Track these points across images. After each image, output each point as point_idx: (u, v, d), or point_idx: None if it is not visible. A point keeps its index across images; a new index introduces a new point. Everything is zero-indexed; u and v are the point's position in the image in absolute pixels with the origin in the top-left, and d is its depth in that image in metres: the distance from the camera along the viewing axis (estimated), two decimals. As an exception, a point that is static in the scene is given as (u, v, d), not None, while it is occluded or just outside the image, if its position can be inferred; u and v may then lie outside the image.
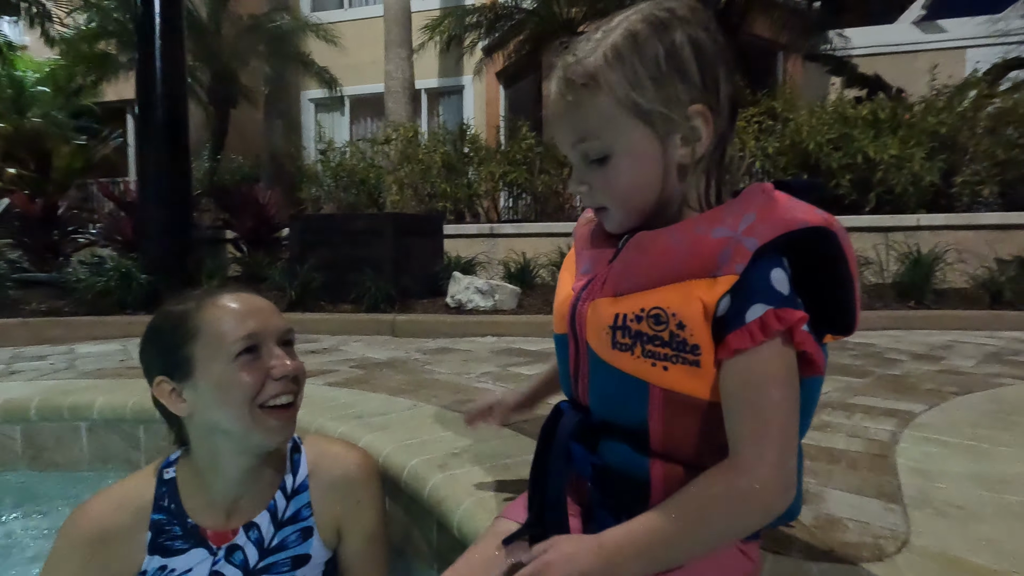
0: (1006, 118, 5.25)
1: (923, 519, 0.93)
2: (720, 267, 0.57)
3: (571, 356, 0.71)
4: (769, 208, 0.58)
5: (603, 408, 0.68)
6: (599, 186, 0.64)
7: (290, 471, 0.95)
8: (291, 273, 4.16)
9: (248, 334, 0.83)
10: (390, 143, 7.09)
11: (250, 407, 0.82)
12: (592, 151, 0.63)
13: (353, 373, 2.23)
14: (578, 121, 0.62)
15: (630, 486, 0.65)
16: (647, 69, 0.59)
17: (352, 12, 10.45)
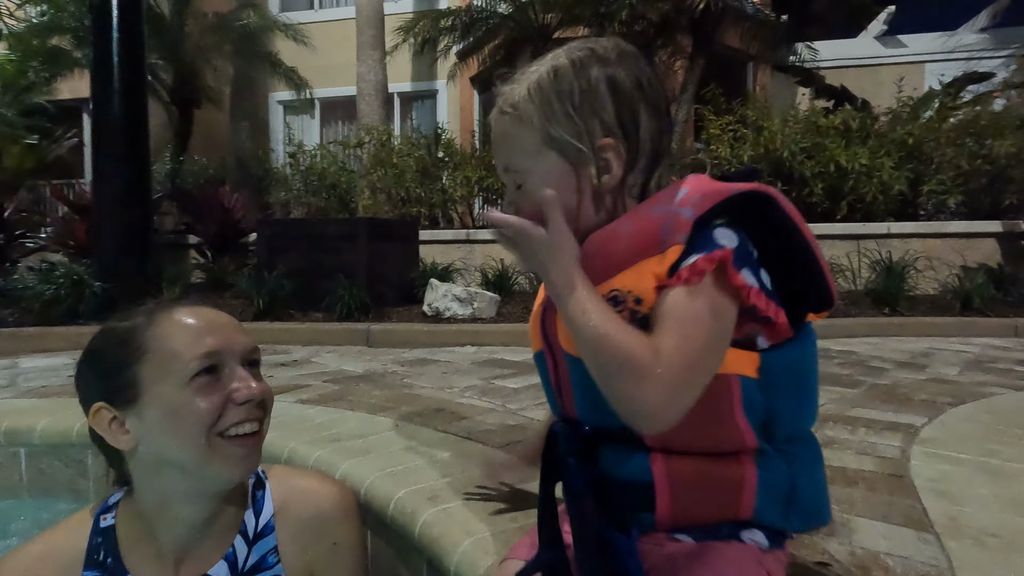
0: (968, 129, 5.42)
1: (961, 551, 0.87)
2: (664, 241, 0.57)
3: (551, 370, 0.68)
4: (701, 183, 0.59)
5: (590, 411, 0.63)
6: (523, 207, 0.65)
7: (252, 511, 0.81)
8: (259, 280, 3.96)
9: (206, 352, 0.71)
10: (363, 146, 6.92)
11: (207, 436, 0.70)
12: (514, 175, 0.66)
13: (327, 388, 2.08)
14: (503, 147, 0.66)
15: (634, 491, 0.60)
16: (562, 104, 0.62)
17: (323, 13, 10.23)
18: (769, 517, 0.59)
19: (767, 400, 0.58)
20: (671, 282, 0.55)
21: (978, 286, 4.00)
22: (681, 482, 0.58)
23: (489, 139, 4.40)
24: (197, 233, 5.71)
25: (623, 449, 0.60)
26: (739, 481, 0.58)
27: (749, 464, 0.58)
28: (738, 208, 0.57)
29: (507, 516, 0.96)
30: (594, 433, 0.63)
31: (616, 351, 0.53)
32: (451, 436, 1.44)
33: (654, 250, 0.57)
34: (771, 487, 0.58)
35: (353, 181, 6.96)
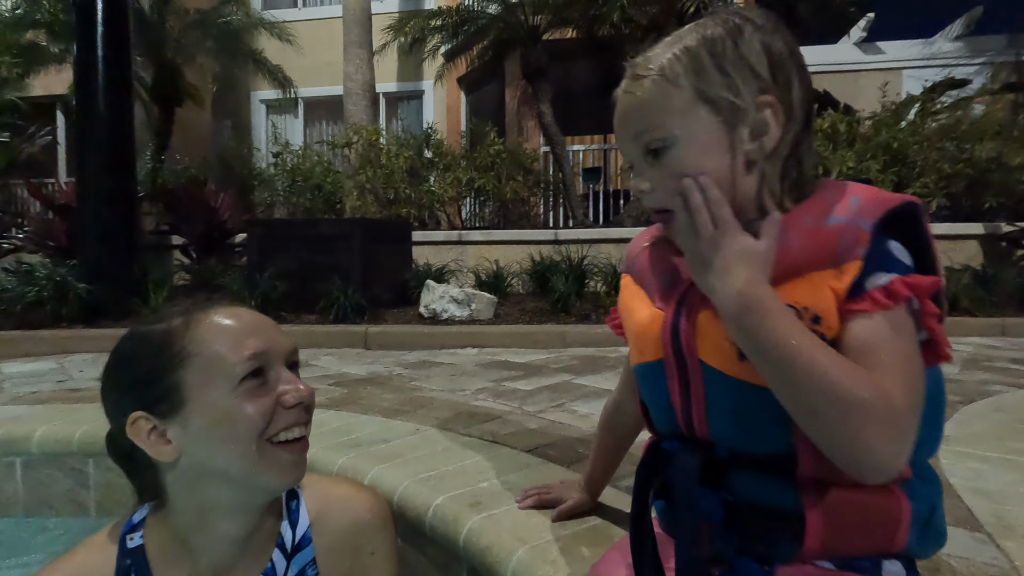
0: (949, 134, 5.56)
1: (1020, 551, 0.86)
2: (843, 255, 0.52)
3: (675, 383, 0.61)
4: (869, 190, 0.56)
5: (734, 436, 0.57)
6: (661, 179, 0.59)
7: (288, 522, 0.76)
8: (250, 282, 3.87)
9: (252, 354, 0.67)
10: (351, 146, 6.82)
11: (258, 443, 0.66)
12: (653, 140, 0.59)
13: (334, 392, 2.03)
14: (641, 112, 0.59)
15: (778, 521, 0.55)
16: (715, 61, 0.57)
17: (307, 12, 10.09)
18: (911, 548, 0.55)
19: None
20: (863, 306, 0.51)
21: (965, 287, 4.08)
22: (836, 515, 0.53)
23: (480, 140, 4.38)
24: (181, 233, 5.56)
25: (765, 477, 0.56)
26: (896, 515, 0.54)
27: (902, 496, 0.54)
28: (895, 220, 0.54)
29: (557, 525, 0.93)
30: (729, 459, 0.58)
31: (841, 392, 0.47)
32: (477, 440, 1.40)
33: (829, 263, 0.53)
34: (918, 516, 0.55)
35: (339, 182, 6.86)
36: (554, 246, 5.07)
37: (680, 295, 0.61)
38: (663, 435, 0.64)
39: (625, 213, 6.54)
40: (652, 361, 0.63)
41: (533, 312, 3.87)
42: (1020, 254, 4.75)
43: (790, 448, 0.54)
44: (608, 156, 8.93)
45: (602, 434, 0.89)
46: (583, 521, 0.92)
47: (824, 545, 0.53)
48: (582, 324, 3.58)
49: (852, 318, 0.51)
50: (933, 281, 0.52)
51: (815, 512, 0.53)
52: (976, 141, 5.34)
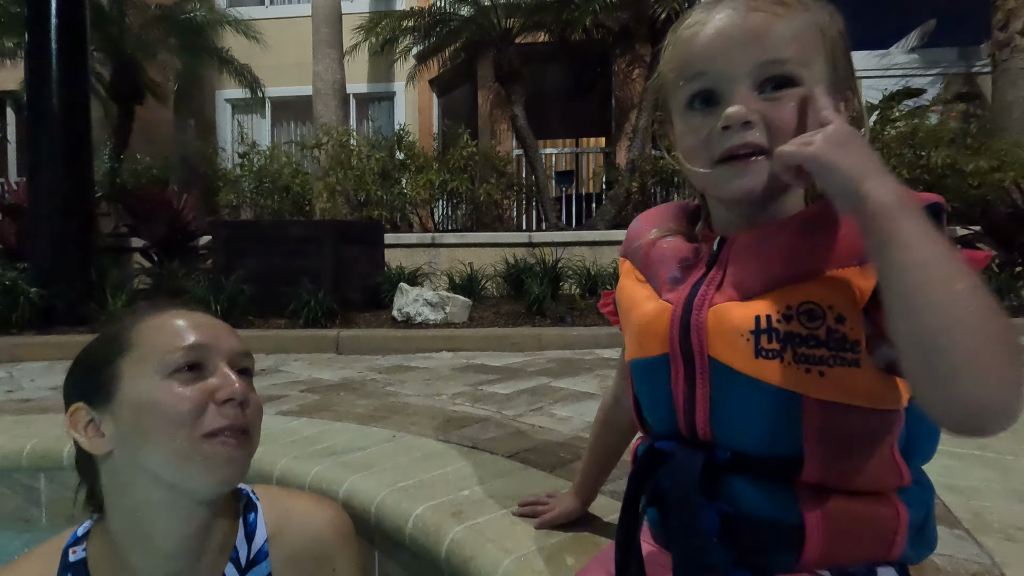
0: (907, 141, 5.77)
1: (998, 547, 0.88)
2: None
3: (679, 380, 0.58)
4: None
5: (739, 436, 0.55)
6: (778, 117, 0.53)
7: (243, 535, 0.73)
8: (215, 285, 3.74)
9: (191, 344, 0.65)
10: (321, 147, 6.69)
11: (188, 438, 0.62)
12: (785, 73, 0.53)
13: (307, 398, 1.96)
14: (779, 38, 0.53)
15: (776, 533, 0.53)
16: (843, 31, 0.56)
17: (274, 10, 9.87)
18: (905, 554, 0.54)
19: (909, 431, 0.54)
20: None
21: (924, 288, 4.24)
22: (836, 525, 0.52)
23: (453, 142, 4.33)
24: (141, 236, 5.35)
25: (765, 484, 0.53)
26: (894, 523, 0.52)
27: (900, 503, 0.53)
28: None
29: (543, 532, 0.90)
30: (732, 460, 0.55)
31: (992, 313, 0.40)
32: (455, 446, 1.37)
33: (852, 260, 0.50)
34: (913, 523, 0.54)
35: (308, 183, 6.72)
36: (528, 249, 5.07)
37: (691, 288, 0.58)
38: (658, 434, 0.62)
39: (598, 216, 6.59)
40: (654, 356, 0.59)
41: (508, 315, 3.85)
42: (974, 257, 4.95)
43: (798, 451, 0.52)
44: (581, 159, 8.99)
45: (599, 431, 0.86)
46: (570, 529, 0.89)
47: (823, 555, 0.52)
48: (558, 326, 3.57)
49: None
50: (986, 255, 0.50)
51: (815, 522, 0.51)
52: (932, 148, 5.56)
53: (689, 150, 0.57)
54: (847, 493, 0.52)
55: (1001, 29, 6.52)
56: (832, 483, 0.52)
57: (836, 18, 0.55)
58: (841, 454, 0.51)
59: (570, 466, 1.23)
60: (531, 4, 6.89)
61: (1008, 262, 4.63)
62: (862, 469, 0.52)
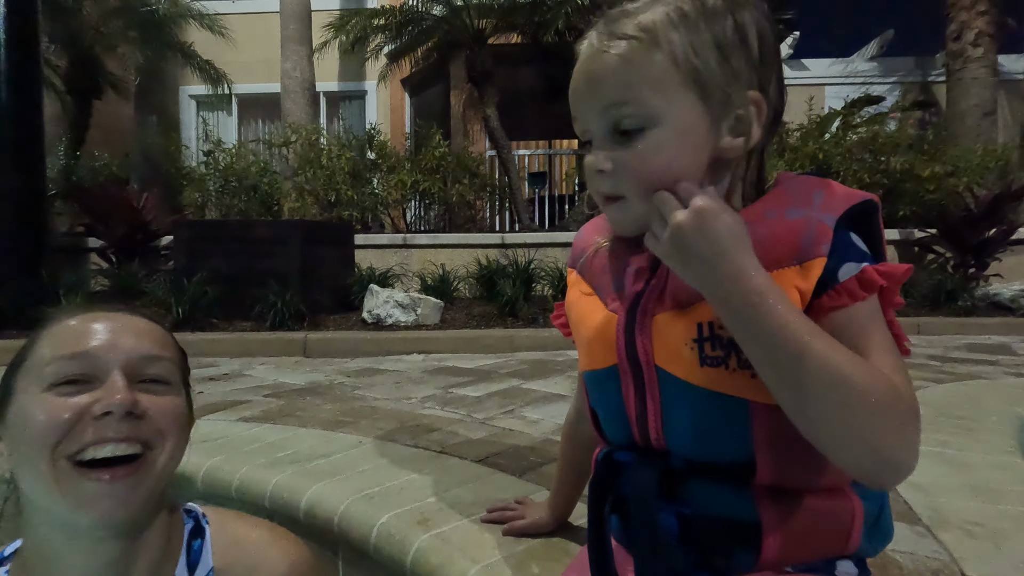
0: (868, 146, 5.95)
1: (957, 543, 0.89)
2: (806, 251, 0.50)
3: (628, 391, 0.57)
4: (829, 184, 0.54)
5: (693, 445, 0.54)
6: (626, 165, 0.52)
7: (185, 564, 0.65)
8: (177, 287, 3.62)
9: (73, 353, 0.57)
10: (289, 146, 6.55)
11: (51, 457, 0.54)
12: (629, 118, 0.52)
13: (270, 403, 1.90)
14: (619, 80, 0.52)
15: (734, 533, 0.53)
16: (713, 36, 0.51)
17: (241, 5, 9.61)
18: (862, 547, 0.55)
19: None
20: (842, 300, 0.48)
21: (884, 289, 4.38)
22: (793, 524, 0.51)
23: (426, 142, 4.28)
24: (99, 235, 5.14)
25: (722, 488, 0.53)
26: (850, 517, 0.53)
27: (855, 497, 0.53)
28: (854, 215, 0.52)
29: (511, 539, 0.88)
30: (687, 467, 0.54)
31: (860, 390, 0.43)
32: (424, 451, 1.34)
33: (791, 259, 0.50)
34: (868, 516, 0.54)
35: (277, 182, 6.57)
36: (501, 250, 5.05)
37: (634, 296, 0.57)
38: (616, 445, 0.61)
39: (571, 217, 6.62)
40: (604, 368, 0.58)
41: (480, 316, 3.82)
42: (931, 258, 5.14)
43: (750, 456, 0.52)
44: (554, 161, 9.02)
45: (566, 447, 0.83)
46: (536, 536, 0.87)
47: (781, 554, 0.52)
48: (530, 328, 3.57)
49: (832, 313, 0.49)
50: (907, 268, 0.50)
51: (772, 522, 0.51)
52: (891, 154, 5.75)
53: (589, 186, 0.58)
54: (802, 491, 0.52)
55: (955, 40, 6.79)
56: (787, 484, 0.52)
57: (700, 32, 0.51)
58: (793, 456, 0.51)
59: (540, 470, 1.21)
60: (504, 5, 6.89)
61: (962, 263, 4.82)
62: (815, 468, 0.52)
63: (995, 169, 5.87)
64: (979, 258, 4.75)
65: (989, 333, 3.78)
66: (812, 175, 0.57)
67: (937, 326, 3.90)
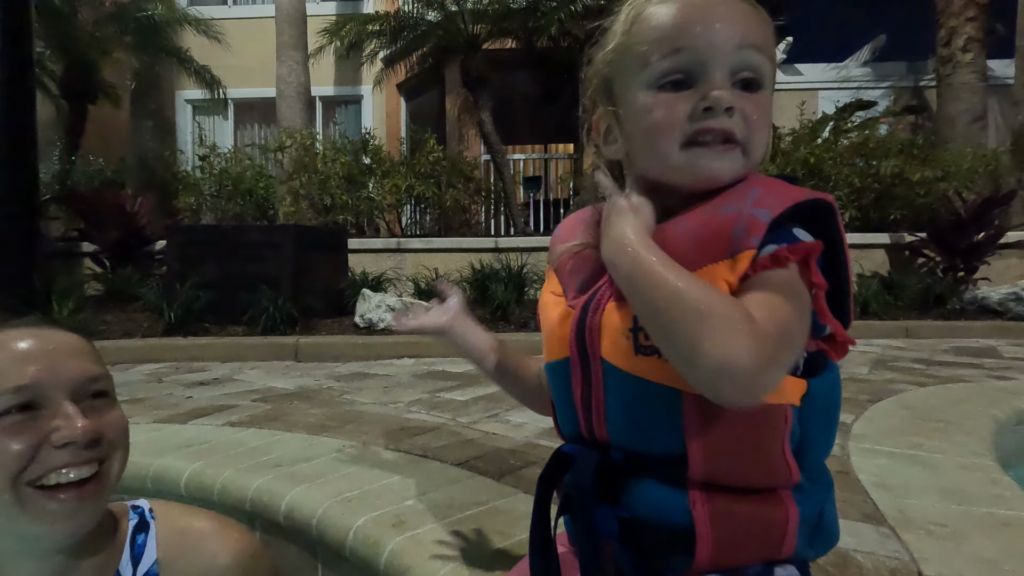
0: (859, 151, 6.00)
1: (918, 543, 0.91)
2: (736, 243, 0.51)
3: (578, 382, 0.59)
4: (770, 183, 0.55)
5: (629, 436, 0.56)
6: (749, 113, 0.54)
7: (129, 557, 0.68)
8: (169, 292, 3.63)
9: (17, 386, 0.59)
10: (284, 151, 6.58)
11: (12, 486, 0.58)
12: (756, 69, 0.55)
13: (258, 408, 1.92)
14: (762, 28, 0.55)
15: (669, 538, 0.54)
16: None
17: (237, 10, 9.67)
18: (802, 550, 0.55)
19: (803, 430, 0.55)
20: (749, 271, 0.50)
21: (874, 292, 4.41)
22: (726, 527, 0.53)
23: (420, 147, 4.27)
24: (93, 240, 5.15)
25: (658, 485, 0.54)
26: (784, 522, 0.53)
27: (790, 502, 0.54)
28: (805, 215, 0.53)
29: (483, 541, 0.90)
30: (625, 461, 0.56)
31: (699, 302, 0.46)
32: (405, 455, 1.36)
33: (723, 253, 0.51)
34: (806, 521, 0.55)
35: (272, 187, 6.59)
36: (494, 254, 5.07)
37: (592, 293, 0.60)
38: (567, 437, 0.63)
39: (564, 222, 6.65)
40: (559, 360, 0.61)
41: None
42: (921, 262, 5.18)
43: (682, 449, 0.53)
44: (548, 165, 9.05)
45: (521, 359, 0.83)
46: (508, 538, 0.89)
47: (714, 557, 0.53)
48: (521, 332, 3.59)
49: (747, 281, 0.51)
50: (814, 244, 0.51)
51: (704, 525, 0.53)
52: (882, 158, 5.79)
53: (655, 129, 0.55)
54: (737, 492, 0.53)
55: (945, 45, 6.85)
56: (720, 480, 0.53)
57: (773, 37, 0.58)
58: (724, 449, 0.53)
59: (518, 473, 1.23)
60: (498, 11, 6.94)
61: (951, 267, 4.86)
62: (748, 465, 0.53)
63: (984, 173, 5.91)
64: (968, 262, 4.79)
65: (976, 336, 3.82)
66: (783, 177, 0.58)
67: (925, 329, 3.93)
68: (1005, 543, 0.90)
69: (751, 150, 0.55)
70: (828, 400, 0.56)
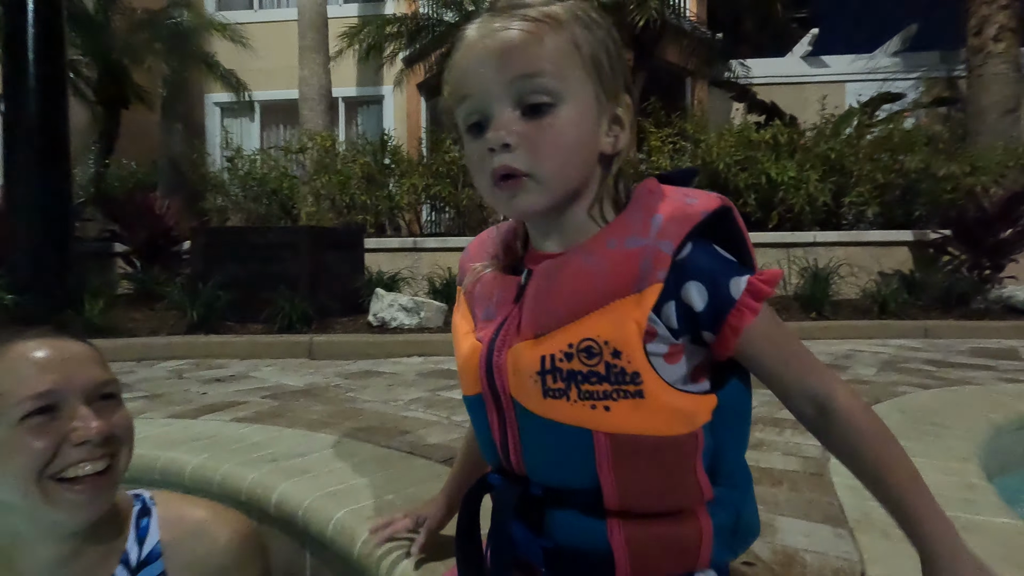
0: (883, 146, 5.85)
1: (871, 544, 0.93)
2: (643, 278, 0.52)
3: (493, 419, 0.61)
4: (672, 207, 0.55)
5: (545, 473, 0.59)
6: (533, 140, 0.53)
7: (135, 539, 0.78)
8: (192, 291, 3.78)
9: (39, 393, 0.68)
10: (305, 152, 6.74)
11: (37, 479, 0.67)
12: (538, 92, 0.53)
13: (265, 405, 2.01)
14: (530, 52, 0.52)
15: (590, 562, 0.57)
16: (603, 38, 0.56)
17: (262, 14, 9.92)
18: (720, 556, 0.58)
19: (716, 439, 0.56)
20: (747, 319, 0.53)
21: (893, 291, 4.32)
22: (641, 549, 0.55)
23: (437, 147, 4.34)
24: (124, 241, 5.39)
25: (577, 515, 0.56)
26: (697, 538, 0.56)
27: (704, 516, 0.56)
28: (712, 221, 0.55)
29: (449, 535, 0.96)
30: (545, 495, 0.58)
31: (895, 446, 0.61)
32: (394, 452, 1.42)
33: (630, 289, 0.52)
34: (721, 529, 0.57)
35: (295, 187, 6.77)
36: (508, 253, 5.12)
37: (496, 327, 0.59)
38: (492, 466, 0.65)
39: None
40: (473, 395, 0.62)
41: (483, 319, 3.90)
42: (945, 260, 5.04)
43: (596, 483, 0.55)
44: (567, 163, 9.06)
45: (469, 441, 0.85)
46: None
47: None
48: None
49: (746, 329, 0.53)
50: (777, 273, 0.56)
51: (621, 549, 0.55)
52: (907, 153, 5.64)
53: (473, 174, 0.58)
54: (651, 516, 0.56)
55: (975, 35, 6.62)
56: (634, 508, 0.55)
57: (595, 30, 0.55)
58: (636, 480, 0.54)
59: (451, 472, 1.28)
60: (514, 10, 6.96)
61: (976, 265, 4.72)
62: (660, 492, 0.55)
63: (1016, 168, 5.71)
64: (994, 259, 4.65)
65: (1000, 337, 3.71)
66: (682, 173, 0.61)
67: (946, 330, 3.84)
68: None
69: (543, 176, 0.54)
70: (738, 405, 0.58)
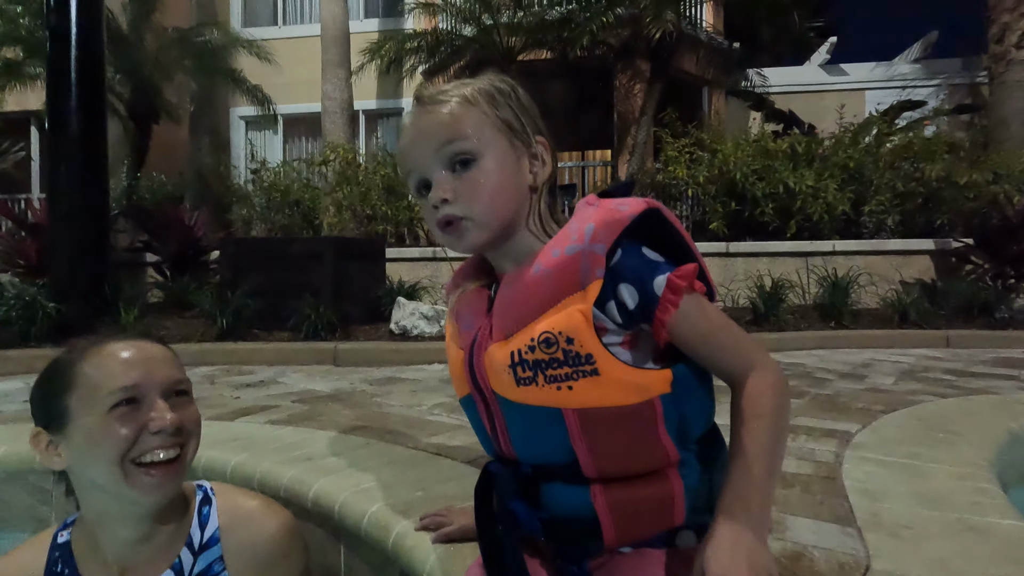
0: (903, 154, 5.82)
1: (878, 542, 0.98)
2: (585, 278, 0.63)
3: (483, 414, 0.73)
4: (602, 214, 0.65)
5: (529, 452, 0.69)
6: (464, 190, 0.66)
7: (198, 524, 0.89)
8: (221, 300, 3.92)
9: (125, 386, 0.79)
10: (327, 164, 6.91)
11: (121, 463, 0.78)
12: (462, 153, 0.66)
13: (296, 408, 2.11)
14: (451, 124, 0.67)
15: (581, 528, 0.67)
16: (507, 102, 0.70)
17: (287, 30, 10.21)
18: (697, 516, 0.65)
19: (680, 409, 0.64)
20: (668, 312, 0.62)
21: (914, 300, 4.29)
22: (621, 510, 0.64)
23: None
24: (155, 251, 5.58)
25: (564, 486, 0.66)
26: (669, 496, 0.64)
27: (675, 477, 0.64)
28: (646, 225, 0.64)
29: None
30: (535, 472, 0.68)
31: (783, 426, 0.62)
32: (421, 452, 1.50)
33: (575, 287, 0.63)
34: (694, 491, 0.65)
35: (318, 198, 6.94)
36: (526, 262, 5.19)
37: (474, 336, 0.71)
38: (493, 458, 0.76)
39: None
40: (465, 396, 0.74)
41: (501, 328, 3.97)
42: (968, 269, 4.99)
43: (573, 456, 0.65)
44: (585, 172, 9.14)
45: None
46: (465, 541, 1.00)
47: (619, 535, 0.65)
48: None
49: (671, 321, 0.62)
50: (693, 267, 0.63)
51: (605, 514, 0.65)
52: (927, 161, 5.60)
53: (428, 224, 0.72)
54: (628, 480, 0.65)
55: (997, 42, 6.56)
56: (611, 473, 0.65)
57: (499, 98, 0.69)
58: (606, 449, 0.64)
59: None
60: (532, 24, 7.09)
61: (1000, 274, 4.67)
62: (630, 457, 0.64)
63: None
64: (1018, 268, 4.59)
65: (1023, 347, 3.67)
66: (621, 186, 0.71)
67: (968, 339, 3.81)
68: (963, 545, 0.96)
69: (477, 216, 0.66)
70: (695, 377, 0.66)
